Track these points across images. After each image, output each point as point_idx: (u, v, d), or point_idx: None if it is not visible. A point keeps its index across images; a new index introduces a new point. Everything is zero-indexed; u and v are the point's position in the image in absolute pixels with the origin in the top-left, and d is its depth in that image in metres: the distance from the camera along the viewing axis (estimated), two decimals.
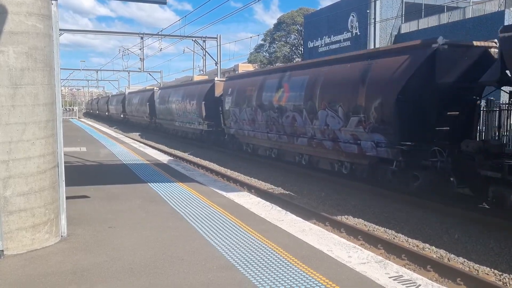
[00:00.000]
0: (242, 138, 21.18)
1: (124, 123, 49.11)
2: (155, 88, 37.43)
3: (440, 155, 10.54)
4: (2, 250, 5.19)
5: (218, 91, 23.96)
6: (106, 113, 61.73)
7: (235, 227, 6.54)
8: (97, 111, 73.41)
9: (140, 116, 40.53)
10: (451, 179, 10.67)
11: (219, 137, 23.97)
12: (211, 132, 24.65)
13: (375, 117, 11.87)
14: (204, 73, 44.40)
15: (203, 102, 24.70)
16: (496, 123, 11.51)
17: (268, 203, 8.30)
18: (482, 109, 11.73)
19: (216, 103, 23.63)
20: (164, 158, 15.26)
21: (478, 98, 11.35)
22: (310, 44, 37.62)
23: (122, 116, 49.13)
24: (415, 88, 10.88)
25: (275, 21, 58.18)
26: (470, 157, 10.16)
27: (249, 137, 20.27)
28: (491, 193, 9.78)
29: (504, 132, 11.31)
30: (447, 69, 10.59)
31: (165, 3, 7.10)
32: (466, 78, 10.36)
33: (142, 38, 40.03)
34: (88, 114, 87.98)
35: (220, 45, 36.26)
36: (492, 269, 7.41)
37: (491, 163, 9.52)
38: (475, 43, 11.16)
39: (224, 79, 25.82)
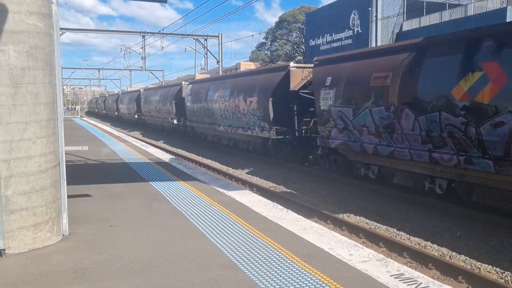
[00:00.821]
0: (363, 158, 12.85)
1: (139, 125, 43.47)
2: (183, 83, 31.42)
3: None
4: (4, 249, 5.20)
5: (295, 83, 17.08)
6: (116, 113, 55.40)
7: (237, 225, 6.54)
8: (104, 111, 67.60)
9: (163, 117, 34.07)
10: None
11: (295, 149, 17.38)
12: (281, 141, 17.65)
13: None
14: (206, 71, 44.41)
15: (271, 99, 17.67)
16: None
17: (269, 201, 8.30)
18: None
19: (288, 100, 17.09)
20: (165, 157, 15.27)
21: None
22: (312, 42, 37.57)
23: (136, 116, 43.59)
24: None
25: (276, 19, 58.17)
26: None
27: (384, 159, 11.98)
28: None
29: None
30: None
31: (165, 1, 7.10)
32: None
33: (143, 36, 40.05)
34: (91, 113, 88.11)
35: (221, 43, 36.26)
36: (494, 267, 7.40)
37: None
38: None
39: (304, 65, 18.33)
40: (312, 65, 16.02)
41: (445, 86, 9.72)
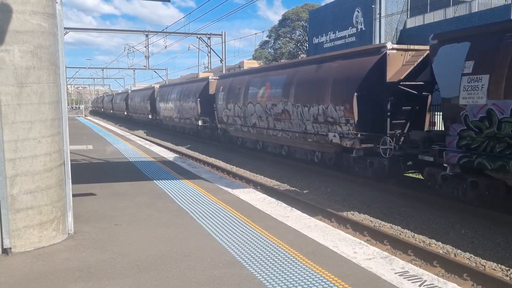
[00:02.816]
0: None
1: (152, 126, 39.51)
2: (210, 77, 26.77)
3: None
4: (10, 248, 5.24)
5: (393, 72, 12.27)
6: (125, 113, 51.71)
7: (241, 223, 6.55)
8: (112, 110, 64.73)
9: (185, 118, 29.23)
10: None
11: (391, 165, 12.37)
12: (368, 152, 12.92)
13: None
14: (209, 70, 44.41)
15: (356, 95, 12.84)
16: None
17: (273, 200, 8.31)
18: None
19: (382, 96, 12.50)
20: (169, 155, 15.30)
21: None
22: (315, 40, 37.52)
23: (150, 117, 39.44)
24: None
25: (278, 17, 58.12)
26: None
27: None
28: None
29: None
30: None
31: (169, 0, 7.11)
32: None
33: (147, 35, 40.05)
34: (95, 113, 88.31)
35: (225, 42, 36.24)
36: (499, 264, 7.38)
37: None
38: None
39: (407, 46, 12.83)
40: (422, 47, 12.44)
41: None
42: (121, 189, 9.15)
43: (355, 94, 12.83)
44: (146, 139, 26.52)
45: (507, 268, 7.23)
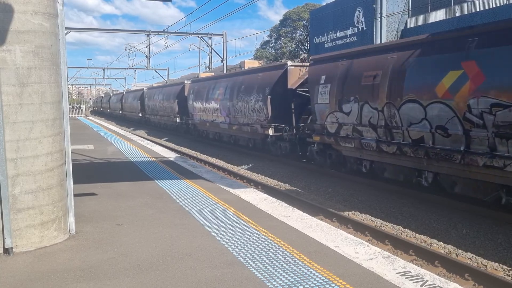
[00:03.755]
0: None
1: (177, 132, 33.43)
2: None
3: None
4: (12, 248, 5.24)
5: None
6: (140, 115, 44.89)
7: (242, 223, 6.55)
8: (121, 111, 56.72)
9: (246, 124, 20.71)
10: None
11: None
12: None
13: None
14: (211, 70, 44.43)
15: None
16: None
17: (274, 199, 8.30)
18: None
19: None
20: (170, 155, 15.31)
21: None
22: (316, 40, 37.49)
23: (178, 120, 32.03)
24: None
25: (279, 17, 58.22)
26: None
27: None
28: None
29: None
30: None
31: (170, 0, 7.10)
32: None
33: (148, 35, 40.06)
34: (96, 113, 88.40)
35: (226, 41, 36.24)
36: (501, 264, 7.38)
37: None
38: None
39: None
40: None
41: None
42: (123, 189, 9.15)
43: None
44: (147, 139, 26.53)
45: (508, 268, 7.22)
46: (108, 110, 69.45)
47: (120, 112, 56.81)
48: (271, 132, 18.27)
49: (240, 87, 21.13)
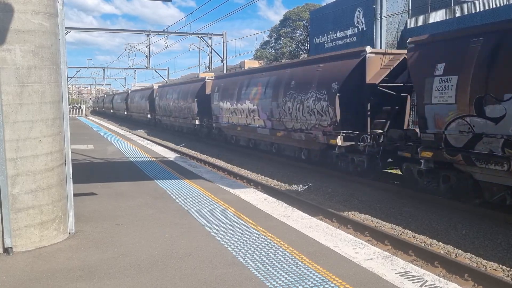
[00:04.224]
0: None
1: (195, 136, 28.56)
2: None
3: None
4: (11, 247, 5.24)
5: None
6: (149, 115, 40.42)
7: (242, 223, 6.55)
8: (126, 111, 52.18)
9: (298, 129, 16.58)
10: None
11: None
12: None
13: None
14: (210, 70, 44.43)
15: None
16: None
17: (274, 200, 8.30)
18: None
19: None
20: (170, 155, 15.31)
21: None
22: (316, 40, 37.50)
23: (197, 123, 27.38)
24: None
25: (278, 17, 58.30)
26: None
27: None
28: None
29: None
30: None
31: (170, 0, 7.10)
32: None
33: (148, 35, 40.06)
34: (96, 112, 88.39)
35: (226, 42, 36.25)
36: (500, 265, 7.37)
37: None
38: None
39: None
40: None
41: None
42: (122, 188, 9.15)
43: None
44: (147, 139, 26.53)
45: (508, 269, 7.22)
46: (111, 111, 65.72)
47: (125, 112, 52.22)
48: (339, 141, 13.62)
49: (289, 82, 16.56)
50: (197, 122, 27.36)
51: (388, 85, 13.10)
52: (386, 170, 14.21)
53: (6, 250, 5.22)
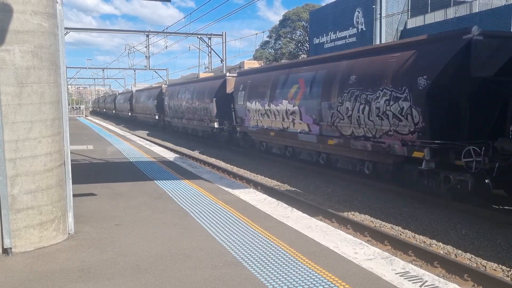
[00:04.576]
0: None
1: (213, 141, 25.35)
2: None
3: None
4: (11, 248, 5.23)
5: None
6: (156, 117, 37.71)
7: (241, 224, 6.55)
8: (130, 112, 49.69)
9: (360, 137, 13.20)
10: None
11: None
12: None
13: None
14: (210, 70, 44.43)
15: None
16: None
17: (274, 200, 8.30)
18: None
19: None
20: (170, 156, 15.30)
21: None
22: (316, 41, 37.51)
23: (216, 126, 24.30)
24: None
25: (278, 18, 58.32)
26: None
27: None
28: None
29: None
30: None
31: (169, 0, 7.10)
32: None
33: (147, 36, 40.08)
34: (96, 113, 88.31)
35: (225, 42, 36.25)
36: (500, 265, 7.38)
37: None
38: None
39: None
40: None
41: None
42: (122, 189, 9.14)
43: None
44: (147, 139, 26.51)
45: (508, 269, 7.22)
46: (114, 111, 62.49)
47: (130, 113, 49.18)
48: (427, 155, 10.35)
49: (348, 77, 13.19)
50: (215, 125, 24.01)
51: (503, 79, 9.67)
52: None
53: (6, 251, 5.22)
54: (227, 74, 25.06)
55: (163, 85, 39.21)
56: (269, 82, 18.15)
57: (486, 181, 9.64)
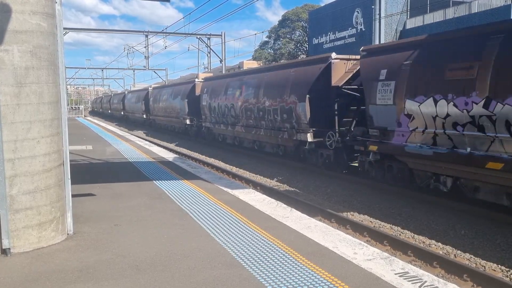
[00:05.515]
0: None
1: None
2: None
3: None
4: (9, 248, 5.22)
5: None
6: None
7: (240, 224, 6.54)
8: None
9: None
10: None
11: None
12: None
13: None
14: (209, 70, 44.43)
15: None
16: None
17: (273, 200, 8.29)
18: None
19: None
20: (169, 156, 15.29)
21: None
22: (315, 41, 37.53)
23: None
24: None
25: (277, 18, 58.37)
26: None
27: None
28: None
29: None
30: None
31: (168, 0, 7.10)
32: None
33: (147, 36, 40.06)
34: (95, 113, 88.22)
35: (225, 42, 36.24)
36: (499, 265, 7.38)
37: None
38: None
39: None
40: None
41: None
42: (121, 189, 9.13)
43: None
44: (146, 139, 26.49)
45: (507, 269, 7.22)
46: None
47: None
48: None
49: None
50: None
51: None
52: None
53: (4, 251, 5.21)
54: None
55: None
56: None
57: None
